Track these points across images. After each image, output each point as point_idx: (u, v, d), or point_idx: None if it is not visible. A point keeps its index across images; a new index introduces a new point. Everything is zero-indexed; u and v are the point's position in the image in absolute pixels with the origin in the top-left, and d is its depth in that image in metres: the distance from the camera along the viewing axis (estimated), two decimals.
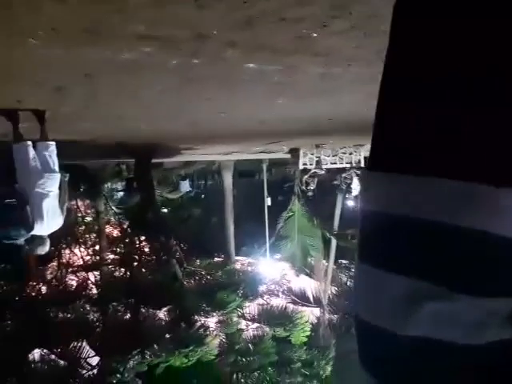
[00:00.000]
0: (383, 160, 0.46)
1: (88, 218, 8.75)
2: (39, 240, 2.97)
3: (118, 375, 5.23)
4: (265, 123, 3.85)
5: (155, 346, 5.28)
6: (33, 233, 2.86)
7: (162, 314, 6.27)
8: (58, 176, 2.87)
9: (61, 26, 1.41)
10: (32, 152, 2.73)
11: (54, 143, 2.85)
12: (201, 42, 1.77)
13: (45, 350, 5.48)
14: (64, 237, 8.04)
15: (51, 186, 2.83)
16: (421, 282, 0.41)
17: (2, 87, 2.18)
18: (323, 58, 2.12)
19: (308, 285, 9.02)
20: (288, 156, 7.68)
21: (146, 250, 7.57)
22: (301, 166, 7.40)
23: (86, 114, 2.81)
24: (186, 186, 9.57)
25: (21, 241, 2.91)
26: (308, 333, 6.68)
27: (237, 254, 9.24)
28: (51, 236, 3.09)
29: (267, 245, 9.09)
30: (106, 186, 8.41)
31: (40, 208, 2.79)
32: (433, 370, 0.44)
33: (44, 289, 7.08)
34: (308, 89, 2.73)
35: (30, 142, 2.74)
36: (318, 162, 7.49)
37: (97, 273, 7.54)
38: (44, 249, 3.05)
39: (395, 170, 0.43)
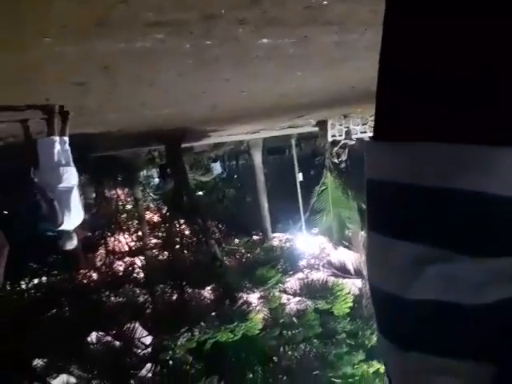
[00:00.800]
0: (384, 129, 0.48)
1: (128, 206, 9.08)
2: (67, 235, 3.00)
3: (170, 352, 5.51)
4: (286, 97, 3.81)
5: (202, 323, 5.50)
6: (62, 228, 2.90)
7: (206, 292, 6.50)
8: (75, 170, 2.90)
9: (71, 22, 1.47)
10: (58, 146, 2.78)
11: (67, 138, 2.87)
12: (210, 23, 1.78)
13: (101, 333, 5.84)
14: (108, 225, 8.43)
15: (74, 179, 2.87)
16: (424, 247, 0.43)
17: (29, 87, 2.29)
18: (337, 26, 2.07)
19: (347, 257, 9.00)
20: (316, 129, 7.57)
21: (186, 232, 7.81)
22: (330, 139, 7.29)
23: (110, 105, 2.90)
24: (217, 168, 9.68)
25: (54, 235, 2.98)
26: (350, 304, 6.71)
27: (273, 231, 9.32)
28: (98, 225, 3.16)
29: (302, 220, 9.11)
30: (141, 173, 8.66)
31: (67, 202, 2.82)
32: (443, 332, 0.45)
33: (95, 275, 7.51)
34: (325, 58, 2.68)
35: (56, 137, 2.78)
36: (348, 133, 7.34)
37: (142, 257, 7.88)
38: (72, 243, 3.08)
39: (395, 138, 0.45)
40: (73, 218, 2.91)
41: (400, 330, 0.48)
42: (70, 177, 2.84)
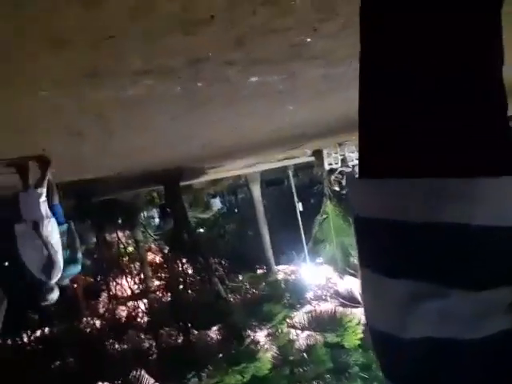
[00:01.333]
0: (368, 166, 0.48)
1: (130, 248, 9.02)
2: (48, 288, 2.92)
3: None
4: (279, 131, 3.86)
5: (209, 366, 5.33)
6: (53, 280, 2.83)
7: (212, 333, 6.34)
8: (55, 222, 2.81)
9: (60, 75, 1.50)
10: (43, 198, 2.71)
11: (44, 189, 2.76)
12: (198, 66, 1.82)
13: (106, 383, 5.65)
14: (110, 269, 8.34)
15: (55, 231, 2.79)
16: (416, 283, 0.42)
17: (26, 138, 2.32)
18: (322, 61, 2.12)
19: (354, 285, 8.87)
20: (312, 158, 7.65)
21: (189, 271, 7.71)
22: (327, 167, 7.35)
23: (106, 151, 2.93)
24: (217, 204, 9.72)
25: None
26: (361, 335, 6.53)
27: (277, 263, 9.22)
28: (100, 270, 3.08)
29: (305, 250, 9.02)
30: (141, 214, 8.67)
31: (55, 255, 2.76)
32: (441, 369, 0.43)
33: (98, 323, 7.34)
34: (314, 91, 2.73)
35: (42, 190, 2.71)
36: (344, 160, 7.41)
37: (145, 300, 7.74)
38: (53, 297, 2.98)
39: (379, 175, 0.44)
40: (61, 270, 2.85)
41: (400, 371, 0.45)
42: (53, 228, 2.77)
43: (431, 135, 0.42)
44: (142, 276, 8.07)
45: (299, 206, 9.42)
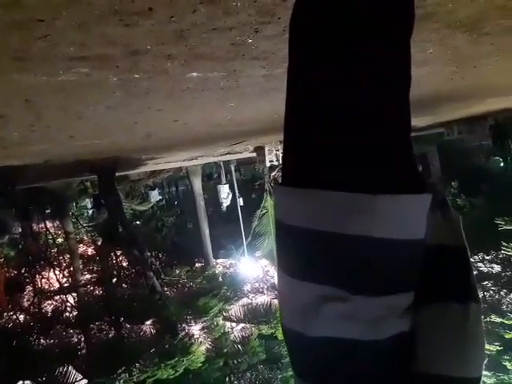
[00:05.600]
0: (287, 175, 0.51)
1: (59, 240, 8.54)
2: None
3: None
4: (222, 126, 3.86)
5: (141, 361, 5.23)
6: None
7: (145, 327, 6.21)
8: None
9: None
10: None
11: None
12: (137, 58, 1.77)
13: (27, 382, 5.33)
14: (37, 261, 7.85)
15: None
16: (322, 287, 0.46)
17: None
18: (263, 62, 2.16)
19: None
20: (254, 155, 7.74)
21: (124, 264, 7.47)
22: (268, 163, 7.47)
23: (34, 137, 2.76)
24: (155, 196, 9.47)
25: None
26: None
27: (216, 257, 9.24)
28: (24, 261, 2.92)
29: (244, 244, 9.13)
30: (73, 204, 8.23)
31: None
32: (341, 366, 0.48)
33: (21, 317, 6.89)
34: (256, 90, 2.77)
35: None
36: None
37: (74, 294, 7.39)
38: None
39: (297, 185, 0.48)
40: None
41: (305, 367, 0.50)
42: None
43: (343, 153, 0.46)
44: (72, 269, 7.69)
45: (240, 201, 9.49)
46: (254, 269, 8.69)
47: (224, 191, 9.20)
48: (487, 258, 6.85)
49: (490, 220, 6.37)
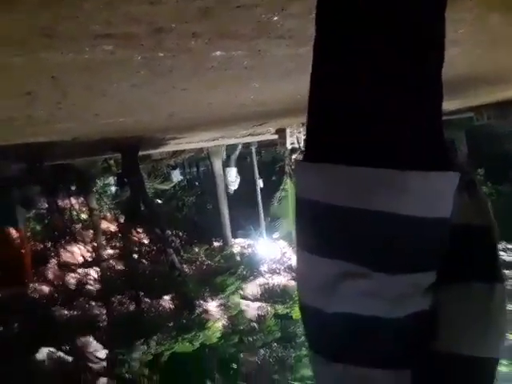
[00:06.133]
0: (311, 151, 0.51)
1: (83, 216, 8.77)
2: None
3: (126, 365, 5.36)
4: (245, 107, 3.84)
5: (159, 334, 5.40)
6: None
7: (164, 302, 6.38)
8: None
9: (15, 33, 1.42)
10: None
11: None
12: (161, 36, 1.77)
13: (51, 349, 5.58)
14: (61, 236, 8.10)
15: None
16: (343, 263, 0.46)
17: None
18: (288, 40, 2.12)
19: None
20: (276, 137, 7.69)
21: (144, 241, 7.63)
22: (289, 146, 7.42)
23: (60, 115, 2.80)
24: (177, 176, 9.55)
25: None
26: None
27: (234, 238, 9.33)
28: (50, 236, 2.97)
29: (263, 226, 9.18)
30: (97, 182, 8.41)
31: None
32: (362, 344, 0.48)
33: (46, 289, 7.17)
34: (280, 70, 2.73)
35: None
36: None
37: (97, 268, 7.62)
38: None
39: (319, 159, 0.47)
40: None
41: (323, 343, 0.51)
42: None
43: (370, 129, 0.46)
44: (95, 244, 7.91)
45: (260, 183, 9.49)
46: (271, 250, 8.74)
47: (231, 174, 9.05)
48: (510, 246, 6.70)
49: None
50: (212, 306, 6.36)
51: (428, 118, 0.47)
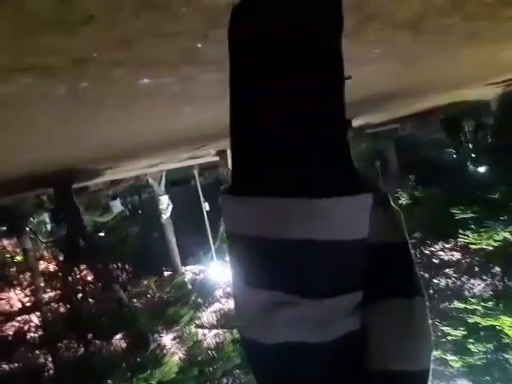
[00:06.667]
0: (233, 184, 0.52)
1: (18, 258, 8.15)
2: None
3: None
4: (179, 132, 3.82)
5: (111, 377, 5.08)
6: None
7: (115, 342, 6.04)
8: None
9: None
10: None
11: None
12: (83, 66, 1.72)
13: None
14: None
15: None
16: (272, 293, 0.46)
17: None
18: (215, 66, 2.14)
19: None
20: (217, 158, 7.73)
21: (88, 279, 7.23)
22: (230, 167, 7.49)
23: None
24: (117, 206, 9.20)
25: None
26: None
27: (184, 265, 9.11)
28: None
29: (213, 249, 9.07)
30: (30, 220, 7.89)
31: None
32: (294, 370, 0.48)
33: None
34: (210, 94, 2.75)
35: None
36: None
37: (38, 313, 7.08)
38: None
39: (241, 192, 0.48)
40: None
41: (262, 374, 0.50)
42: None
43: (282, 161, 0.47)
44: (34, 287, 7.36)
45: (206, 206, 9.41)
46: (224, 273, 8.64)
47: (163, 202, 8.93)
48: (447, 246, 7.13)
49: (447, 209, 6.64)
50: (167, 339, 6.12)
51: (335, 144, 0.48)
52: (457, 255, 7.28)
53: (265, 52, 0.48)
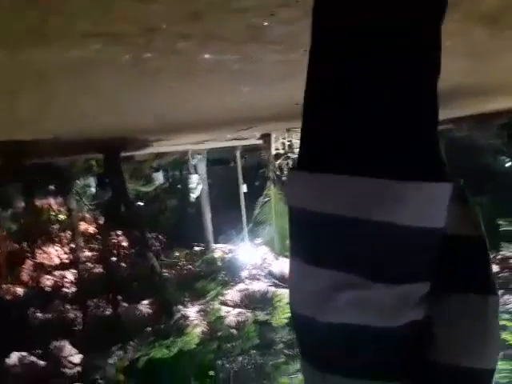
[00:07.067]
0: (308, 159, 0.50)
1: (61, 216, 8.58)
2: None
3: (101, 371, 5.24)
4: (232, 111, 3.84)
5: (135, 340, 5.30)
6: None
7: (142, 307, 6.28)
8: None
9: (1, 31, 1.37)
10: None
11: None
12: (151, 36, 1.75)
13: (23, 353, 5.41)
14: (38, 236, 7.90)
15: None
16: (339, 273, 0.45)
17: None
18: (279, 46, 2.12)
19: (288, 267, 9.15)
20: (261, 142, 7.71)
21: (124, 244, 7.51)
22: (273, 151, 7.45)
23: (44, 112, 2.74)
24: (159, 178, 9.43)
25: None
26: (289, 314, 6.81)
27: (216, 242, 9.26)
28: (26, 236, 2.91)
29: (245, 231, 9.15)
30: (77, 182, 8.25)
31: None
32: (354, 354, 0.47)
33: (20, 290, 6.96)
34: (269, 75, 2.74)
35: None
36: (290, 146, 7.55)
37: (74, 271, 7.46)
38: None
39: (317, 169, 0.46)
40: None
41: (316, 352, 0.50)
42: None
43: (368, 139, 0.45)
44: (73, 246, 7.74)
45: (243, 188, 9.48)
46: (252, 255, 8.71)
47: (193, 181, 8.97)
48: (495, 256, 6.88)
49: (492, 220, 6.37)
50: (191, 311, 6.30)
51: (425, 127, 0.46)
52: (495, 268, 7.01)
53: (359, 34, 0.45)
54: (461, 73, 2.93)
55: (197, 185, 8.88)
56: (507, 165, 9.19)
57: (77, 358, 5.58)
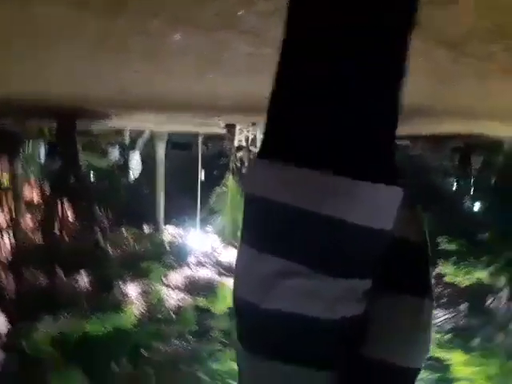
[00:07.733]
0: (270, 149, 0.51)
1: (4, 181, 8.10)
2: None
3: (30, 341, 5.06)
4: (197, 96, 3.80)
5: (69, 311, 5.16)
6: None
7: (80, 280, 6.11)
8: None
9: None
10: None
11: None
12: (120, 8, 1.71)
13: None
14: None
15: None
16: (285, 261, 0.46)
17: None
18: (251, 38, 2.12)
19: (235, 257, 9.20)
20: (224, 131, 7.68)
21: (69, 215, 7.24)
22: (236, 143, 7.45)
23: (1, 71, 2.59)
24: (115, 154, 9.13)
25: None
26: (230, 303, 6.89)
27: (166, 225, 9.14)
28: None
29: (198, 217, 9.11)
30: (25, 147, 7.81)
31: None
32: (288, 341, 0.49)
33: None
34: (238, 66, 2.73)
35: None
36: (253, 140, 7.58)
37: (12, 236, 7.10)
38: None
39: (278, 159, 0.48)
40: None
41: (256, 339, 0.51)
42: None
43: (329, 136, 0.47)
44: (14, 210, 7.35)
45: (202, 175, 9.39)
46: (202, 243, 8.70)
47: (133, 158, 8.78)
48: None
49: (433, 238, 6.73)
50: (131, 289, 6.21)
51: (385, 130, 0.47)
52: None
53: (330, 32, 0.47)
54: (420, 93, 3.06)
55: (136, 163, 8.59)
56: (453, 188, 9.71)
57: (3, 325, 5.35)
